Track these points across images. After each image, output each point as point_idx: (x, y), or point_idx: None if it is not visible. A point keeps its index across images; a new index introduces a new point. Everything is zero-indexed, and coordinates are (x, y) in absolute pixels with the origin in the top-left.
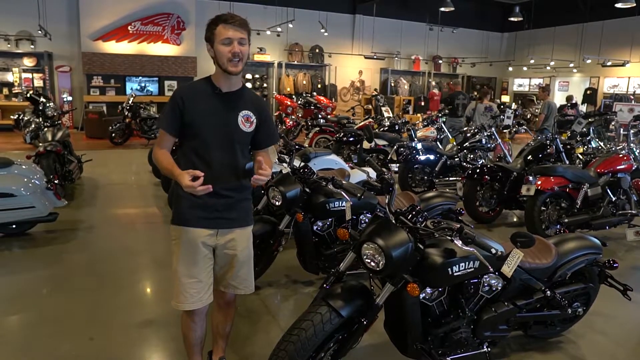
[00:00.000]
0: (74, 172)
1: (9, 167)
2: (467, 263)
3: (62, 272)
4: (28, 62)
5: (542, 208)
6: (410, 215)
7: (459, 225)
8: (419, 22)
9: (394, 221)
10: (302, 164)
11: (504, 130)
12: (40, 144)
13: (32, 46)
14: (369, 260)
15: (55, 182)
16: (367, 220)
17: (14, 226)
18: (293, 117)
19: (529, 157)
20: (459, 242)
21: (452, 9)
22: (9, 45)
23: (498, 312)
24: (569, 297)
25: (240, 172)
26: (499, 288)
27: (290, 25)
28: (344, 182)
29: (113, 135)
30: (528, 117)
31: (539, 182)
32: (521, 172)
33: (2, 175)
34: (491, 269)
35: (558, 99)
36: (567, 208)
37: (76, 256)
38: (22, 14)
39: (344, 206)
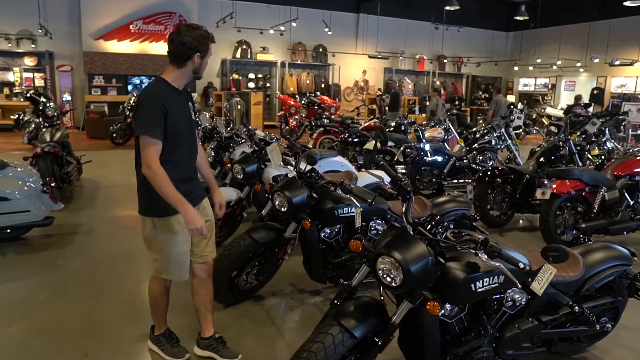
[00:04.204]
0: (72, 173)
1: (3, 170)
2: (491, 278)
3: (58, 280)
4: (29, 61)
5: (558, 212)
6: (429, 226)
7: (483, 238)
8: (424, 21)
9: (411, 232)
10: (309, 167)
11: (515, 132)
12: (38, 145)
13: (33, 45)
14: (384, 276)
15: (52, 185)
16: (377, 226)
17: (8, 231)
18: (296, 117)
19: (542, 159)
20: (484, 256)
21: (457, 7)
22: (9, 45)
23: (522, 329)
24: (597, 312)
25: (196, 155)
26: (523, 303)
27: (294, 24)
28: (353, 186)
29: (114, 135)
30: (534, 117)
31: (554, 186)
32: (534, 174)
33: None
34: (519, 285)
35: (565, 98)
36: (583, 212)
37: (73, 262)
38: (23, 13)
39: (353, 212)
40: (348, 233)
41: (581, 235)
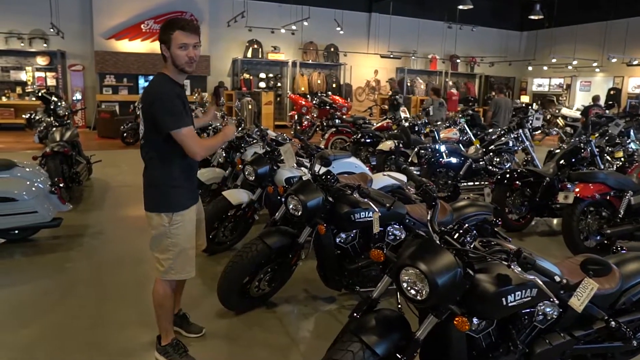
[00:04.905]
0: (81, 173)
1: (10, 170)
2: (524, 292)
3: (65, 283)
4: (41, 60)
5: (581, 217)
6: (457, 234)
7: (516, 248)
8: (436, 20)
9: (437, 241)
10: (324, 169)
11: (534, 132)
12: (48, 145)
13: (45, 45)
14: (409, 288)
15: (60, 185)
16: (395, 232)
17: (16, 232)
18: (307, 117)
19: (562, 161)
20: (517, 269)
21: (471, 7)
22: (22, 44)
23: (553, 344)
24: (633, 326)
25: None
26: (555, 317)
27: (306, 23)
28: (370, 189)
29: (125, 135)
30: (548, 117)
31: (578, 190)
32: (554, 177)
33: (3, 178)
34: (555, 300)
35: (580, 99)
36: (608, 217)
37: (81, 265)
38: (35, 13)
39: (370, 217)
40: (364, 238)
41: (605, 241)
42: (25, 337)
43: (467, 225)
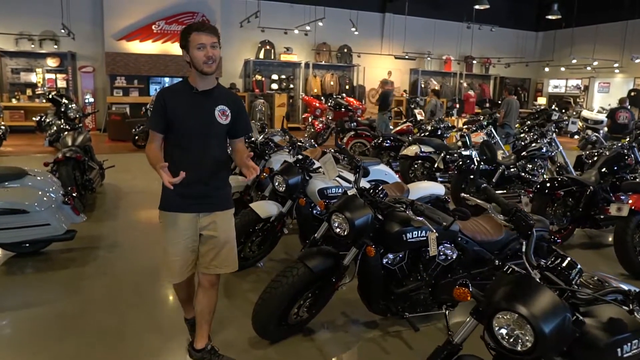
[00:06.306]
0: (94, 180)
1: (22, 179)
2: None
3: (80, 304)
4: (51, 62)
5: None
6: (558, 272)
7: (636, 290)
8: (451, 20)
9: (537, 279)
10: (364, 180)
11: (573, 138)
12: (59, 150)
13: (56, 46)
14: (506, 334)
15: (73, 195)
16: (447, 251)
17: (27, 245)
18: (322, 119)
19: (604, 169)
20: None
21: (487, 6)
22: (32, 46)
23: None
24: None
25: (218, 162)
26: None
27: (320, 24)
28: (424, 205)
29: (136, 137)
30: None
31: (631, 201)
32: (597, 186)
33: (14, 188)
34: None
35: (598, 101)
36: None
37: (95, 283)
38: (46, 14)
39: (423, 236)
40: (412, 259)
41: None
42: None
43: (570, 258)
